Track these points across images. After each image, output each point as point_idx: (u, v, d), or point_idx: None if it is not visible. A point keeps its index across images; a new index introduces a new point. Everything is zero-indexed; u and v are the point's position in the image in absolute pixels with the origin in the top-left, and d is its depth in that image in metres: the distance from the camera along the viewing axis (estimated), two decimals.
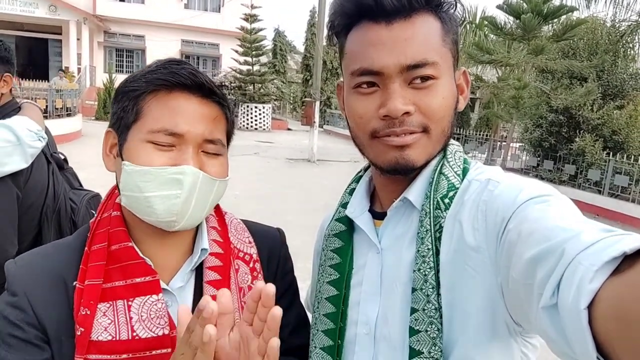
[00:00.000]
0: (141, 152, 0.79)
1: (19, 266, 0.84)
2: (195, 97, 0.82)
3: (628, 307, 0.43)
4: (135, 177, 0.79)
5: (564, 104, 10.27)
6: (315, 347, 0.89)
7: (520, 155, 12.74)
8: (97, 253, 0.83)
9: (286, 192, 9.21)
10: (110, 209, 0.88)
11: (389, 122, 0.76)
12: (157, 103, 0.80)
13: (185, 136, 0.80)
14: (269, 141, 17.82)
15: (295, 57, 38.81)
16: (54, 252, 0.87)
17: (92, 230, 0.87)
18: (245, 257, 0.95)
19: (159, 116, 0.80)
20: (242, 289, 0.92)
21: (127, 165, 0.79)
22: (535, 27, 9.90)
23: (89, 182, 2.05)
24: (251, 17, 22.01)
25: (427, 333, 0.73)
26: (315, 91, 14.33)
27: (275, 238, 1.04)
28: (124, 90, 0.84)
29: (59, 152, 1.87)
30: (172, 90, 0.81)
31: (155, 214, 0.79)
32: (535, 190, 0.68)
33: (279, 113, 32.34)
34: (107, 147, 0.87)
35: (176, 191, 0.78)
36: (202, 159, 0.83)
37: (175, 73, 0.80)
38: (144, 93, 0.81)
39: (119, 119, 0.84)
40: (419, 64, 0.74)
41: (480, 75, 13.61)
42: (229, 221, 0.98)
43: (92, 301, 0.79)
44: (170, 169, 0.78)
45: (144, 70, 0.84)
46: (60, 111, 12.84)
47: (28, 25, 23.40)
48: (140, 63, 26.41)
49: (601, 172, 9.68)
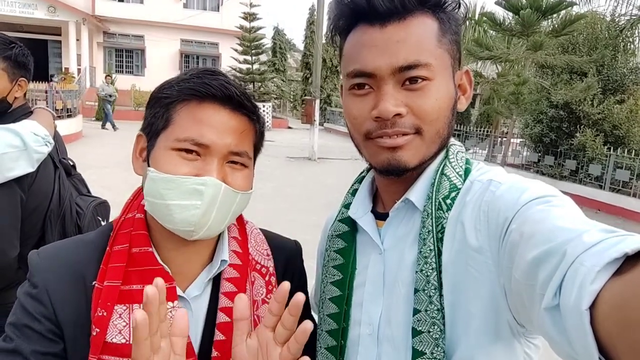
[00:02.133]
0: (166, 159, 0.80)
1: (42, 258, 0.84)
2: (225, 109, 0.82)
3: (630, 308, 0.43)
4: (159, 184, 0.79)
5: (564, 99, 10.24)
6: (320, 347, 0.90)
7: (521, 151, 12.71)
8: (118, 254, 0.84)
9: (287, 190, 9.21)
10: (134, 210, 0.89)
11: (381, 123, 0.77)
12: (186, 112, 0.81)
13: (211, 147, 0.80)
14: (269, 140, 17.67)
15: (295, 55, 38.78)
16: (76, 248, 0.87)
17: (115, 230, 0.87)
18: (262, 269, 0.95)
19: (187, 126, 0.80)
20: (256, 302, 0.92)
21: (152, 172, 0.80)
22: (534, 23, 9.87)
23: (90, 183, 2.06)
24: (250, 16, 22.01)
25: (430, 334, 0.73)
26: (315, 89, 14.32)
27: (292, 251, 1.04)
28: (157, 97, 0.84)
29: (68, 159, 1.88)
30: (202, 100, 0.81)
31: (174, 222, 0.80)
32: (538, 191, 0.68)
33: (279, 111, 32.35)
34: (137, 151, 0.88)
35: (196, 202, 0.78)
36: (227, 170, 0.83)
37: (207, 84, 0.80)
38: (175, 101, 0.82)
39: (149, 124, 0.84)
40: (411, 65, 0.74)
41: (480, 72, 13.59)
42: (250, 231, 0.98)
43: (109, 302, 0.80)
44: (193, 179, 0.78)
45: (179, 78, 0.84)
46: (61, 112, 12.84)
47: (27, 27, 23.37)
48: (139, 63, 26.42)
49: (602, 167, 9.67)
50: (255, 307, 0.91)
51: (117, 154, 11.46)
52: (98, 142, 13.79)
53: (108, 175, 8.61)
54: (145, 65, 26.38)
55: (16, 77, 1.69)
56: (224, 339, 0.86)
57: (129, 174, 0.91)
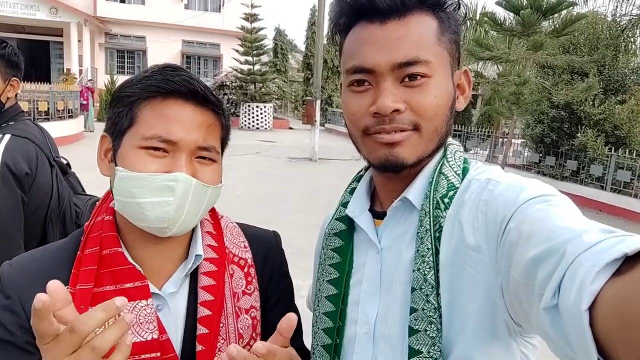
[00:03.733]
0: (135, 158, 0.79)
1: (14, 268, 0.85)
2: (190, 104, 0.82)
3: (629, 309, 0.43)
4: (128, 183, 0.79)
5: (566, 99, 10.22)
6: (317, 345, 0.90)
7: (522, 151, 12.68)
8: (89, 258, 0.84)
9: (288, 191, 9.21)
10: (103, 213, 0.89)
11: (379, 119, 0.77)
12: (151, 110, 0.81)
13: (179, 143, 0.80)
14: (270, 141, 17.82)
15: (296, 56, 38.78)
16: (48, 255, 0.88)
17: (86, 234, 0.87)
18: (240, 262, 0.95)
19: (153, 123, 0.80)
20: (237, 294, 0.92)
21: (121, 171, 0.80)
22: (535, 23, 9.84)
23: (91, 183, 2.06)
24: (252, 17, 22.02)
25: (427, 333, 0.73)
26: (316, 90, 14.32)
27: (271, 242, 1.04)
28: (119, 96, 0.84)
29: (61, 157, 1.88)
30: (166, 97, 0.81)
31: (148, 220, 0.80)
32: (537, 190, 0.68)
33: (281, 112, 32.34)
34: (102, 152, 0.88)
35: (168, 198, 0.78)
36: (196, 166, 0.83)
37: (170, 80, 0.80)
38: (138, 100, 0.81)
39: (114, 125, 0.84)
40: (410, 62, 0.75)
41: (481, 72, 13.58)
42: (225, 225, 0.99)
43: (82, 306, 0.79)
44: (163, 176, 0.78)
45: (140, 76, 0.84)
46: (62, 113, 12.86)
47: (29, 28, 23.43)
48: (141, 64, 26.44)
49: (604, 167, 9.64)
50: (236, 299, 0.92)
51: None
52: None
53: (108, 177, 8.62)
54: (147, 67, 26.15)
55: (9, 77, 1.69)
56: (208, 332, 0.86)
57: None
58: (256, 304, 0.95)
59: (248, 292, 0.94)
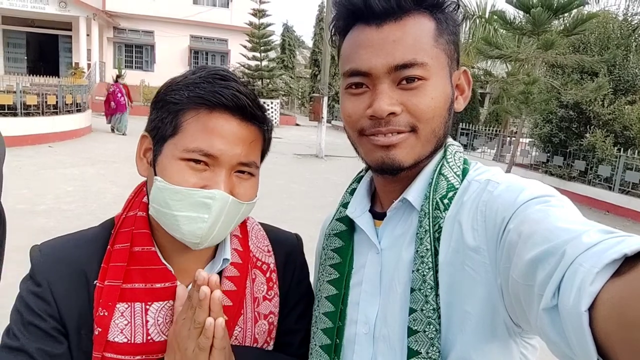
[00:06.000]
0: (174, 170, 0.79)
1: (44, 254, 0.85)
2: (236, 119, 0.81)
3: (629, 309, 0.43)
4: (165, 194, 0.79)
5: (574, 99, 10.15)
6: (315, 345, 0.90)
7: (529, 150, 12.63)
8: (119, 253, 0.84)
9: (294, 187, 9.22)
10: (136, 208, 0.88)
11: (375, 121, 0.77)
12: (196, 122, 0.79)
13: (220, 158, 0.79)
14: (277, 137, 17.67)
15: (303, 52, 38.74)
16: (78, 245, 0.87)
17: (116, 228, 0.87)
18: (262, 266, 0.95)
19: (196, 135, 0.79)
20: (257, 299, 0.92)
21: (159, 181, 0.79)
22: (545, 22, 9.76)
23: (99, 177, 2.07)
24: (259, 12, 22.03)
25: (425, 333, 0.73)
26: (323, 86, 14.30)
27: (293, 245, 1.04)
28: (164, 100, 0.83)
29: None
30: (213, 110, 0.79)
31: (181, 232, 0.80)
32: (536, 191, 0.68)
33: (287, 108, 32.35)
34: (141, 151, 0.87)
35: (204, 215, 0.78)
36: (234, 181, 0.82)
37: (218, 93, 0.78)
38: (184, 109, 0.80)
39: (155, 128, 0.83)
40: (406, 64, 0.74)
41: (489, 70, 13.50)
42: (251, 227, 0.99)
43: (110, 302, 0.81)
44: (201, 192, 0.78)
45: (187, 80, 0.82)
46: (70, 107, 12.93)
47: (38, 22, 23.58)
48: (149, 59, 26.53)
49: (612, 168, 9.58)
50: (256, 304, 0.92)
51: (126, 149, 11.53)
52: (107, 137, 13.89)
53: (117, 171, 8.61)
54: (154, 61, 26.48)
55: None
56: None
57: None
58: (275, 309, 0.95)
59: (268, 298, 0.94)
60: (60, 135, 12.15)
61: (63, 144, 11.79)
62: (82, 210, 6.50)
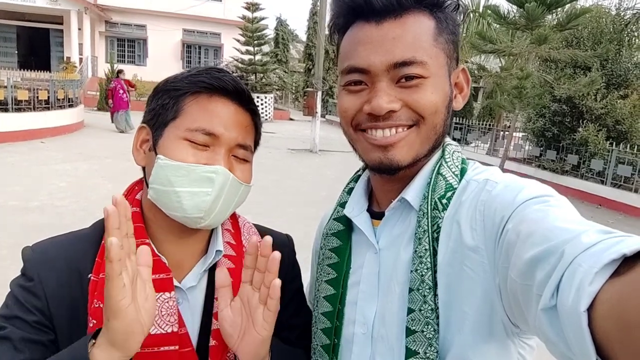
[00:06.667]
0: (176, 148, 0.82)
1: (36, 252, 0.86)
2: (234, 103, 0.86)
3: (628, 309, 0.43)
4: (168, 171, 0.81)
5: (567, 93, 10.18)
6: (317, 345, 0.90)
7: (523, 145, 12.68)
8: None
9: (288, 183, 9.21)
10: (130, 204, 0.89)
11: (372, 118, 0.77)
12: (197, 104, 0.84)
13: (220, 138, 0.83)
14: (270, 131, 17.78)
15: (297, 46, 38.61)
16: (71, 243, 0.89)
17: None
18: None
19: (198, 116, 0.83)
20: None
21: (162, 159, 0.82)
22: (539, 16, 9.76)
23: (92, 173, 2.06)
24: (253, 6, 21.88)
25: (424, 333, 0.73)
26: (317, 81, 14.26)
27: (284, 244, 1.05)
28: (165, 89, 0.87)
29: None
30: (213, 94, 0.85)
31: (183, 209, 0.81)
32: (535, 191, 0.68)
33: (281, 103, 32.28)
34: (138, 142, 0.90)
35: (207, 189, 0.81)
36: (232, 162, 0.86)
37: (219, 78, 0.85)
38: (186, 93, 0.85)
39: (156, 115, 0.87)
40: (406, 62, 0.74)
41: (483, 65, 13.52)
42: (242, 224, 1.00)
43: None
44: (204, 167, 0.81)
45: (186, 73, 0.88)
46: (62, 102, 12.82)
47: (29, 15, 23.30)
48: (142, 53, 26.33)
49: (604, 162, 9.64)
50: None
51: (118, 144, 11.46)
52: (100, 132, 13.78)
53: (109, 166, 8.55)
54: (147, 55, 26.29)
55: None
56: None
57: (131, 164, 0.92)
58: None
59: None
60: (52, 131, 12.04)
61: (55, 140, 11.69)
62: (75, 207, 6.47)
